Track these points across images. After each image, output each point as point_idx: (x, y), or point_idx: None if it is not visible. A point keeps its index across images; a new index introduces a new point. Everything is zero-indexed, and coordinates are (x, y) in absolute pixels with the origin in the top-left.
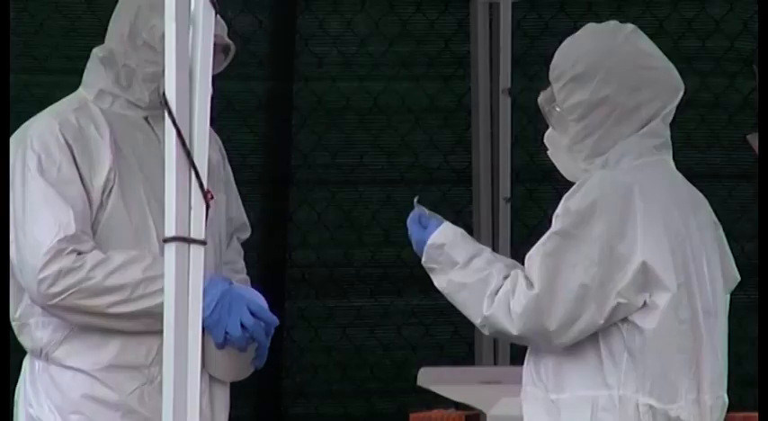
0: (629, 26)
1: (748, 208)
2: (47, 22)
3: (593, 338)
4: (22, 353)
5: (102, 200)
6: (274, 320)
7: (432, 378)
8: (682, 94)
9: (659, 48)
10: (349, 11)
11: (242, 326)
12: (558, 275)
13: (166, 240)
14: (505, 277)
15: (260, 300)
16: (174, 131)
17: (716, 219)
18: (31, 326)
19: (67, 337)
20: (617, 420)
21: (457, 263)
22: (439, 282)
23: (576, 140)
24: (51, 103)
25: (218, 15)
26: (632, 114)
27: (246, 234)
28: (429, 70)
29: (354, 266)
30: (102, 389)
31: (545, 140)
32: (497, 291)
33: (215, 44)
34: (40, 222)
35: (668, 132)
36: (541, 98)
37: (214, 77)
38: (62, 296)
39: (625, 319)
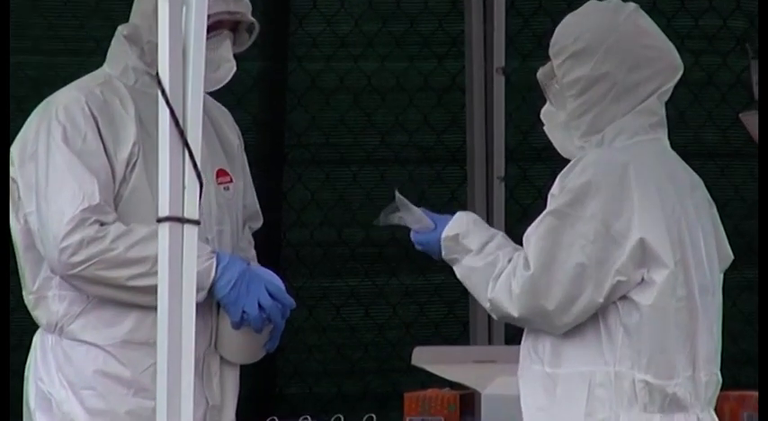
0: (631, 5)
1: (741, 186)
2: (40, 2)
3: (591, 315)
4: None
5: (126, 174)
6: (291, 302)
7: (426, 357)
8: (680, 73)
9: None
10: None
11: (259, 306)
12: (554, 255)
13: (160, 220)
14: (510, 260)
15: (278, 282)
16: (167, 111)
17: (710, 199)
18: (48, 299)
19: (83, 311)
20: (613, 396)
21: (471, 250)
22: (457, 270)
23: (573, 117)
24: (45, 84)
25: None
26: (630, 92)
27: (258, 223)
28: (423, 49)
29: (349, 246)
30: (115, 366)
31: (541, 116)
32: (501, 273)
33: (239, 22)
34: (64, 191)
35: (663, 110)
36: (540, 73)
37: (238, 56)
38: (83, 266)
39: (623, 296)
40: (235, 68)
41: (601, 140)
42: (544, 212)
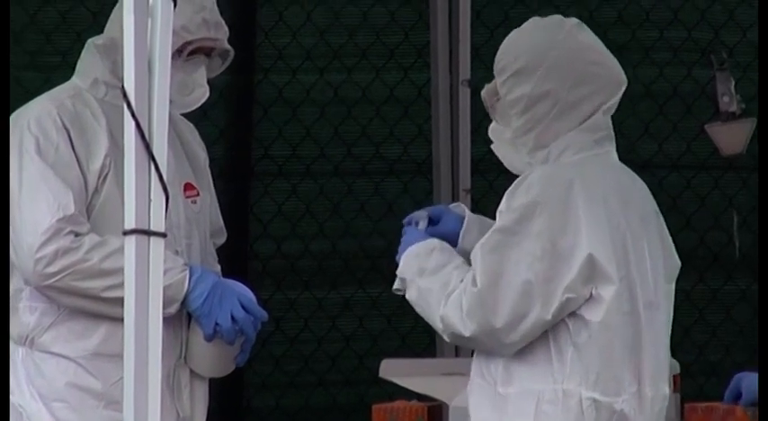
0: (573, 20)
1: (707, 198)
2: (38, 14)
3: (541, 335)
4: None
5: (98, 185)
6: (264, 315)
7: (394, 369)
8: (624, 87)
9: (618, 38)
10: (309, 2)
11: (232, 318)
12: (501, 272)
13: (126, 233)
14: (463, 280)
15: (249, 294)
16: (132, 123)
17: (657, 208)
18: (19, 311)
19: (54, 323)
20: (560, 413)
21: (425, 270)
22: (409, 293)
23: (519, 134)
24: (12, 99)
25: (221, 21)
26: (573, 109)
27: (222, 239)
28: (389, 61)
29: (315, 258)
30: (86, 378)
31: (489, 133)
32: (453, 291)
33: (213, 49)
34: (39, 202)
35: (610, 124)
36: (485, 91)
37: (210, 79)
38: (58, 277)
39: (572, 313)
40: (207, 94)
41: (546, 156)
42: (491, 229)
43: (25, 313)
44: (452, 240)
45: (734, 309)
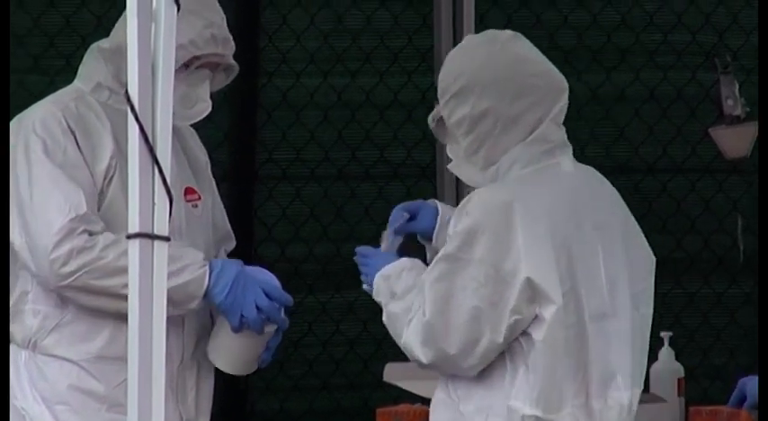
0: (507, 33)
1: (711, 201)
2: (41, 18)
3: (499, 355)
4: None
5: (103, 187)
6: (289, 299)
7: (397, 373)
8: (566, 94)
9: (621, 41)
10: (313, 5)
11: (257, 308)
12: (449, 299)
13: (130, 236)
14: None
15: (273, 281)
16: (136, 127)
17: (623, 205)
18: (23, 314)
19: (57, 326)
20: None
21: (395, 294)
22: (384, 317)
23: (469, 153)
24: (15, 103)
25: (229, 37)
26: (516, 122)
27: (232, 245)
28: (393, 65)
29: (319, 262)
30: (89, 381)
31: (448, 153)
32: (412, 319)
33: (217, 64)
34: (51, 203)
35: (562, 132)
36: (430, 117)
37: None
38: (74, 276)
39: (524, 332)
40: (210, 109)
41: (496, 172)
42: (437, 257)
43: (29, 316)
44: (431, 236)
45: (738, 313)
